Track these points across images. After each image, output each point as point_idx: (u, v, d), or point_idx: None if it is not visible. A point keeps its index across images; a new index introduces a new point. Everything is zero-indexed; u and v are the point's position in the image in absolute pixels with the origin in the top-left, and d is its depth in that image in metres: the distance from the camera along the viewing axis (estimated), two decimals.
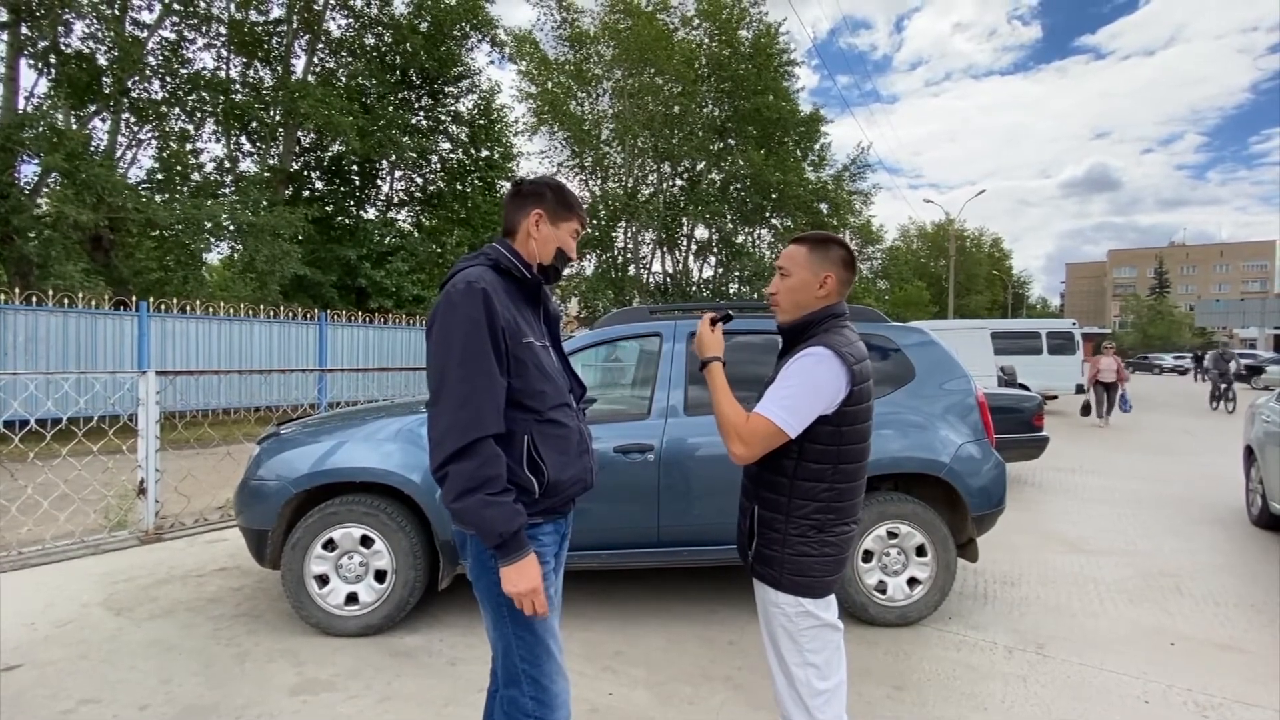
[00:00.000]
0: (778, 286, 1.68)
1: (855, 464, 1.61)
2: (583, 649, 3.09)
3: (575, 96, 20.80)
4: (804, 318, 1.64)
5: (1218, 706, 2.63)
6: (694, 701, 2.66)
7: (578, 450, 1.59)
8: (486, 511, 1.38)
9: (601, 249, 21.14)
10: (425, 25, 17.41)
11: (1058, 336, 14.23)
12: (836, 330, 1.61)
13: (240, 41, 15.23)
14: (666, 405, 3.41)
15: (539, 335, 1.57)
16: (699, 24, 20.77)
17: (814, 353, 1.53)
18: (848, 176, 23.02)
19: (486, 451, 1.39)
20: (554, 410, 1.55)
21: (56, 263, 10.75)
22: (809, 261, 1.64)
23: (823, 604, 1.63)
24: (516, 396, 1.48)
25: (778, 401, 1.53)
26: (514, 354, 1.48)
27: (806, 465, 1.57)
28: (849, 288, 1.68)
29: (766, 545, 1.63)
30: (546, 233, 1.61)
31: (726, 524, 3.34)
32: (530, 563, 1.43)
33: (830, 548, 1.60)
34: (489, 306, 1.43)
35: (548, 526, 1.57)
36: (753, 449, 1.53)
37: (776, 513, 1.61)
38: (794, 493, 1.59)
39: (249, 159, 16.65)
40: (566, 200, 1.63)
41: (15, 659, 2.94)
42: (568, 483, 1.56)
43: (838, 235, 1.69)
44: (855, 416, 1.57)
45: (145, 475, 4.79)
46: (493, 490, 1.38)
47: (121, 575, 4.05)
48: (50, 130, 10.89)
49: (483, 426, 1.40)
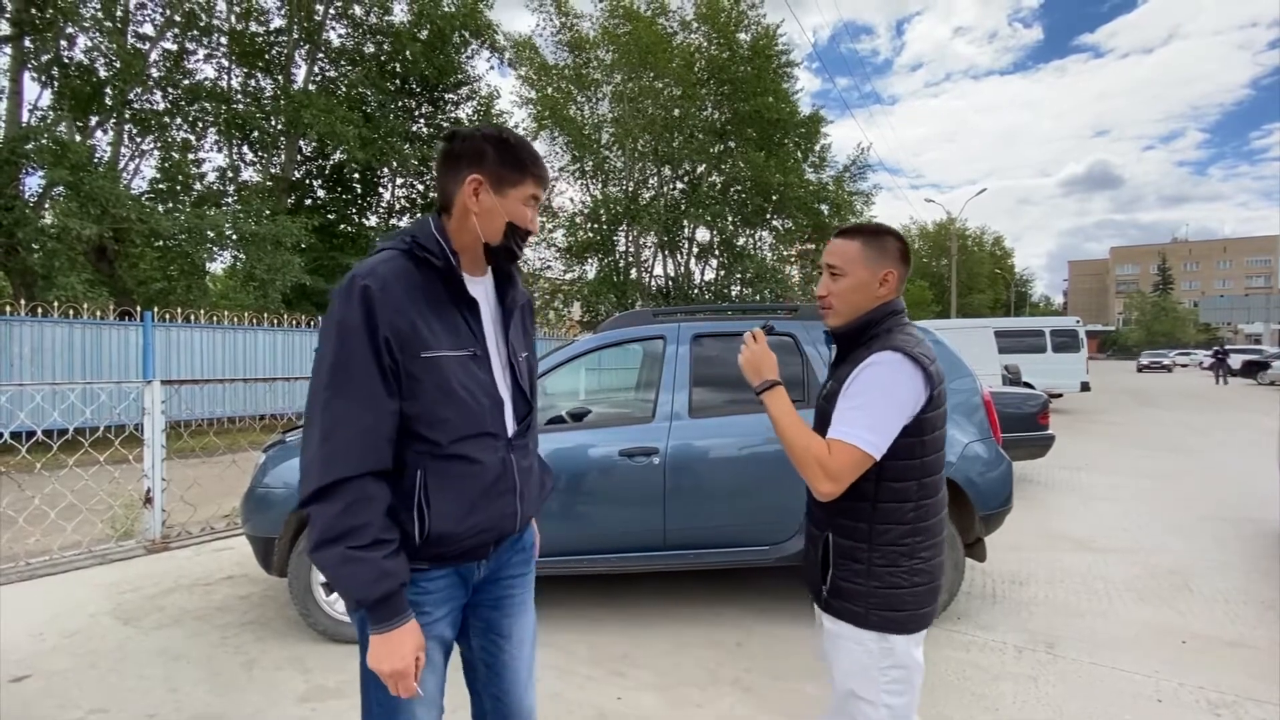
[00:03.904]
0: (829, 288, 1.48)
1: (937, 476, 1.43)
2: (590, 653, 3.08)
3: (575, 101, 20.86)
4: (861, 320, 1.46)
5: (1229, 704, 2.61)
6: (702, 705, 2.65)
7: (492, 491, 1.27)
8: (344, 569, 1.11)
9: (603, 253, 21.16)
10: (425, 33, 17.50)
11: (1062, 334, 14.20)
12: (900, 330, 1.43)
13: (241, 52, 15.33)
14: (671, 408, 3.40)
15: (459, 343, 1.23)
16: (698, 27, 20.82)
17: (883, 359, 1.35)
18: (848, 177, 23.02)
19: (352, 494, 1.11)
20: (461, 443, 1.22)
21: (60, 274, 10.80)
22: (865, 258, 1.45)
23: (913, 640, 1.42)
24: (410, 424, 1.19)
25: (856, 421, 1.33)
26: (407, 370, 1.17)
27: (889, 485, 1.38)
28: (905, 284, 1.52)
29: (847, 578, 1.42)
30: (489, 203, 1.24)
31: (733, 527, 3.36)
32: (401, 637, 1.15)
33: (921, 575, 1.40)
34: (369, 310, 1.13)
35: (436, 573, 1.27)
36: (842, 484, 1.34)
37: (857, 541, 1.41)
38: (876, 517, 1.39)
39: (251, 168, 16.74)
40: (515, 158, 1.24)
41: (24, 669, 2.95)
42: (464, 534, 1.24)
43: (888, 225, 1.52)
44: (934, 424, 1.40)
45: (151, 484, 4.80)
46: (356, 543, 1.11)
47: (128, 585, 4.06)
48: (54, 143, 10.96)
49: (348, 464, 1.12)
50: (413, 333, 1.17)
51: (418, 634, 1.18)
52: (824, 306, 1.51)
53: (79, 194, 10.77)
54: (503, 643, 1.40)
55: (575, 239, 21.21)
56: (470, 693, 1.46)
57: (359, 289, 1.14)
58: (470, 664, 1.43)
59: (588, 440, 3.35)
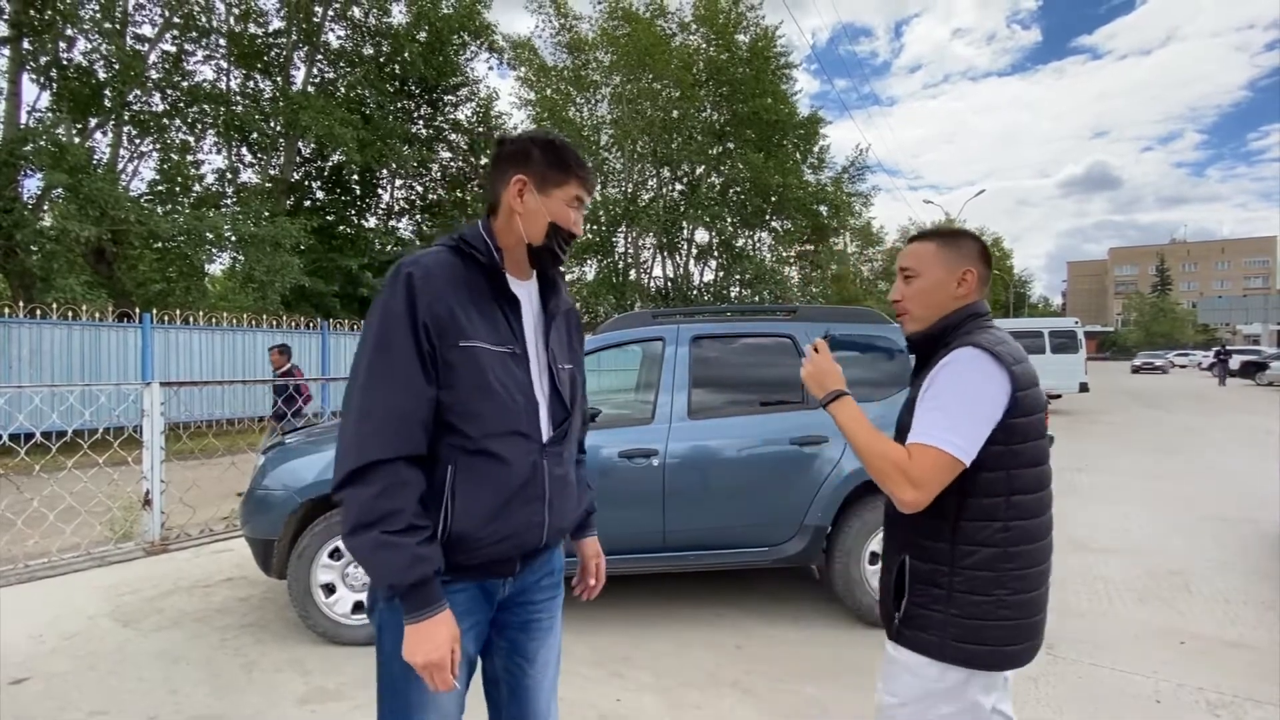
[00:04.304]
0: (903, 292, 1.42)
1: (1034, 494, 1.28)
2: (590, 654, 3.08)
3: (574, 103, 20.89)
4: (939, 323, 1.38)
5: (1229, 704, 2.61)
6: (702, 706, 2.65)
7: (520, 496, 1.22)
8: (379, 554, 1.10)
9: (602, 254, 21.18)
10: (423, 34, 17.52)
11: (1060, 335, 14.22)
12: (981, 329, 1.34)
13: (240, 53, 15.35)
14: (670, 410, 3.41)
15: (499, 339, 1.22)
16: (696, 29, 20.86)
17: (960, 356, 1.26)
18: (847, 178, 23.06)
19: (388, 478, 1.10)
20: (491, 439, 1.19)
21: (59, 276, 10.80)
22: (942, 258, 1.39)
23: (989, 682, 1.28)
24: (444, 414, 1.18)
25: (936, 423, 1.23)
26: (444, 358, 1.16)
27: (973, 501, 1.25)
28: (988, 285, 1.42)
29: (924, 604, 1.29)
30: (532, 204, 1.25)
31: (732, 528, 3.37)
32: (435, 627, 1.11)
33: (1011, 608, 1.25)
34: (412, 295, 1.15)
35: (458, 586, 1.22)
36: (928, 491, 1.22)
37: (937, 563, 1.28)
38: (959, 536, 1.26)
39: (250, 170, 16.77)
40: (560, 159, 1.27)
41: (23, 671, 2.94)
42: (485, 539, 1.20)
43: (965, 228, 1.48)
44: (1026, 431, 1.26)
45: (150, 486, 4.80)
46: (391, 528, 1.09)
47: (128, 587, 4.05)
48: (53, 145, 10.96)
49: (383, 447, 1.11)
50: (451, 320, 1.17)
51: (453, 624, 1.14)
52: (900, 313, 1.44)
53: (78, 196, 10.77)
54: (526, 666, 1.37)
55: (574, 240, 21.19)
56: (489, 706, 1.44)
57: (403, 276, 1.16)
58: (492, 681, 1.41)
59: (587, 441, 3.35)
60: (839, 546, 3.30)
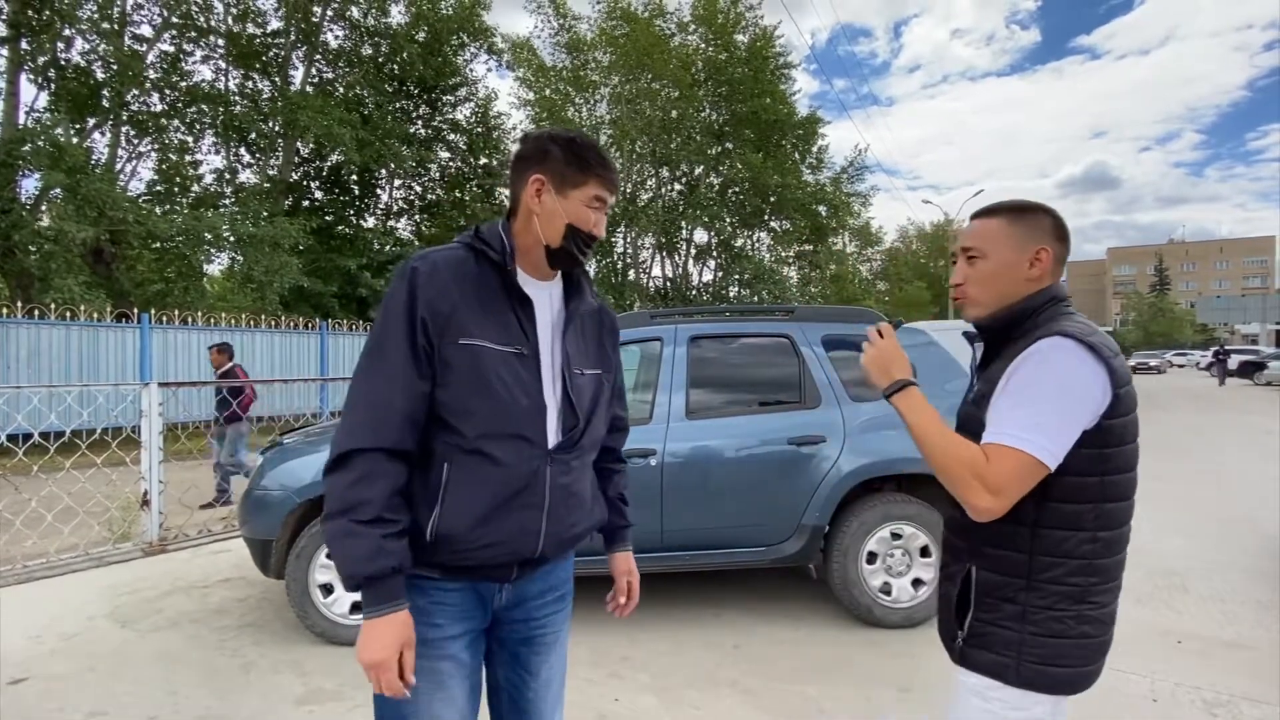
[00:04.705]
0: (966, 274, 1.25)
1: (1122, 502, 1.15)
2: (588, 655, 3.09)
3: (573, 103, 20.89)
4: (1012, 309, 1.22)
5: (1225, 704, 2.62)
6: (700, 706, 2.66)
7: (514, 503, 1.18)
8: (343, 542, 1.08)
9: (601, 254, 21.17)
10: (422, 35, 17.52)
11: None
12: (1067, 317, 1.17)
13: (239, 54, 15.34)
14: (668, 409, 3.41)
15: (507, 339, 1.19)
16: (695, 29, 20.87)
17: (1049, 346, 1.10)
18: (846, 178, 23.08)
19: (363, 468, 1.10)
20: (487, 440, 1.16)
21: (57, 276, 10.79)
22: (1011, 236, 1.22)
23: (1060, 705, 1.18)
24: (440, 410, 1.16)
25: (1019, 422, 1.08)
26: (443, 354, 1.15)
27: (1056, 508, 1.12)
28: (1064, 266, 1.25)
29: (995, 622, 1.16)
30: (550, 204, 1.22)
31: (730, 528, 3.37)
32: (389, 626, 1.08)
33: (1093, 624, 1.15)
34: (413, 290, 1.14)
35: (451, 585, 1.20)
36: (1007, 498, 1.08)
37: (1011, 575, 1.15)
38: (1038, 547, 1.13)
39: (248, 170, 16.76)
40: (579, 158, 1.22)
41: (22, 672, 2.94)
42: (472, 543, 1.16)
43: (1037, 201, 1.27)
44: (1122, 433, 1.12)
45: (149, 487, 4.80)
46: (360, 517, 1.08)
47: (126, 587, 4.05)
48: (51, 145, 10.96)
49: (363, 437, 1.11)
50: (451, 316, 1.15)
51: (407, 628, 1.11)
52: (959, 298, 1.27)
53: (76, 196, 10.77)
54: (529, 679, 1.34)
55: None
56: (491, 715, 1.41)
57: (409, 271, 1.17)
58: (494, 690, 1.38)
59: None
60: (836, 546, 3.31)
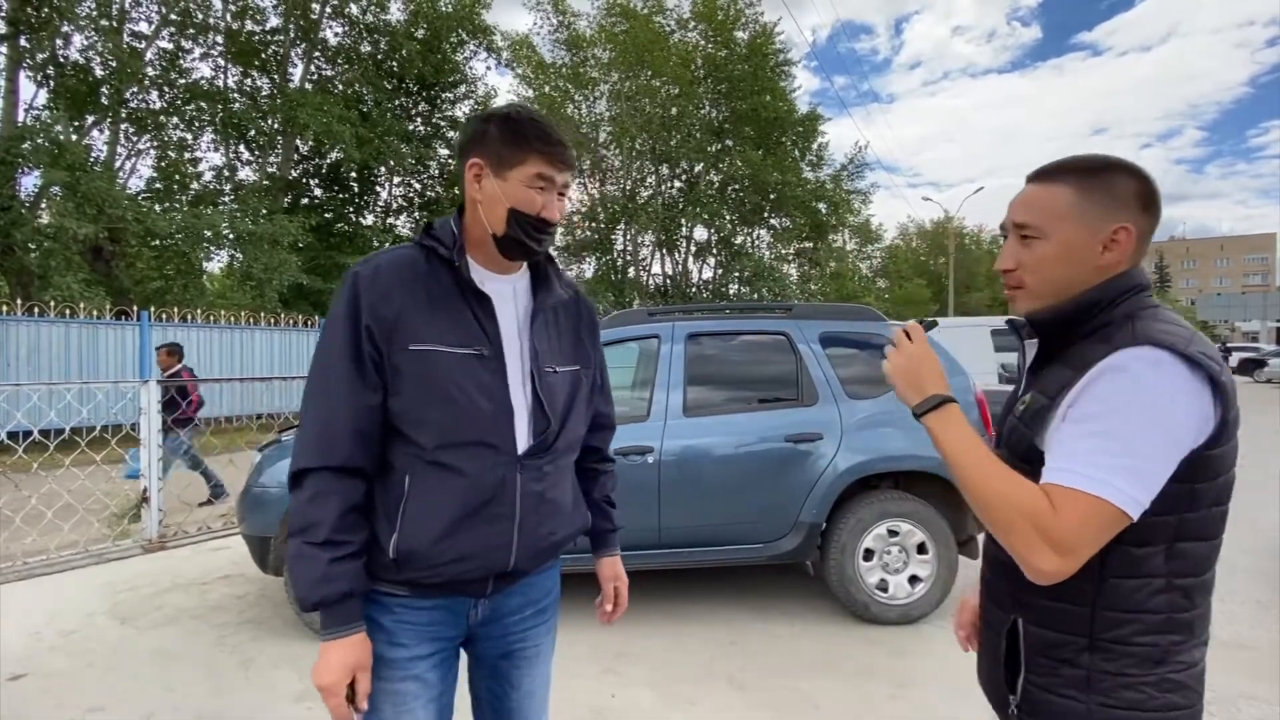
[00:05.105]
0: (1018, 258, 0.99)
1: (1209, 540, 0.90)
2: (585, 650, 3.10)
3: (572, 100, 20.86)
4: (1078, 302, 0.95)
5: (1222, 702, 2.63)
6: (696, 702, 2.67)
7: (482, 514, 1.10)
8: (296, 564, 1.05)
9: (601, 252, 21.18)
10: (421, 32, 17.50)
11: None
12: (1154, 316, 0.91)
13: (237, 51, 15.33)
14: (666, 407, 3.42)
15: (465, 340, 1.11)
16: (695, 26, 20.82)
17: (1136, 359, 0.84)
18: (846, 176, 23.05)
19: (313, 487, 1.06)
20: (448, 450, 1.09)
21: (57, 274, 10.80)
22: (1080, 209, 0.94)
23: None
24: (395, 421, 1.10)
25: (1097, 458, 0.83)
26: (392, 362, 1.08)
27: (1126, 552, 0.87)
28: (1148, 243, 0.98)
29: (1053, 689, 0.93)
30: (490, 189, 1.12)
31: (726, 525, 3.38)
32: (341, 649, 1.04)
33: (1179, 691, 0.89)
34: (355, 298, 1.08)
35: (420, 603, 1.14)
36: (1077, 557, 0.83)
37: (1070, 633, 0.91)
38: (1103, 600, 0.89)
39: (247, 167, 16.75)
40: (515, 133, 1.10)
41: (21, 668, 2.96)
42: (437, 559, 1.09)
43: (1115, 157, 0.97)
44: (1219, 464, 0.88)
45: (148, 484, 4.81)
46: (312, 539, 1.04)
47: (125, 584, 4.07)
48: (51, 143, 10.95)
49: (310, 455, 1.06)
50: (398, 321, 1.08)
51: (360, 652, 1.06)
52: (1011, 285, 1.01)
53: (75, 194, 10.77)
54: (511, 691, 1.28)
55: (573, 238, 21.22)
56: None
57: (350, 277, 1.11)
58: (476, 701, 1.33)
59: None
60: (833, 543, 3.31)
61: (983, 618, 1.08)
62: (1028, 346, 1.05)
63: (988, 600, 1.06)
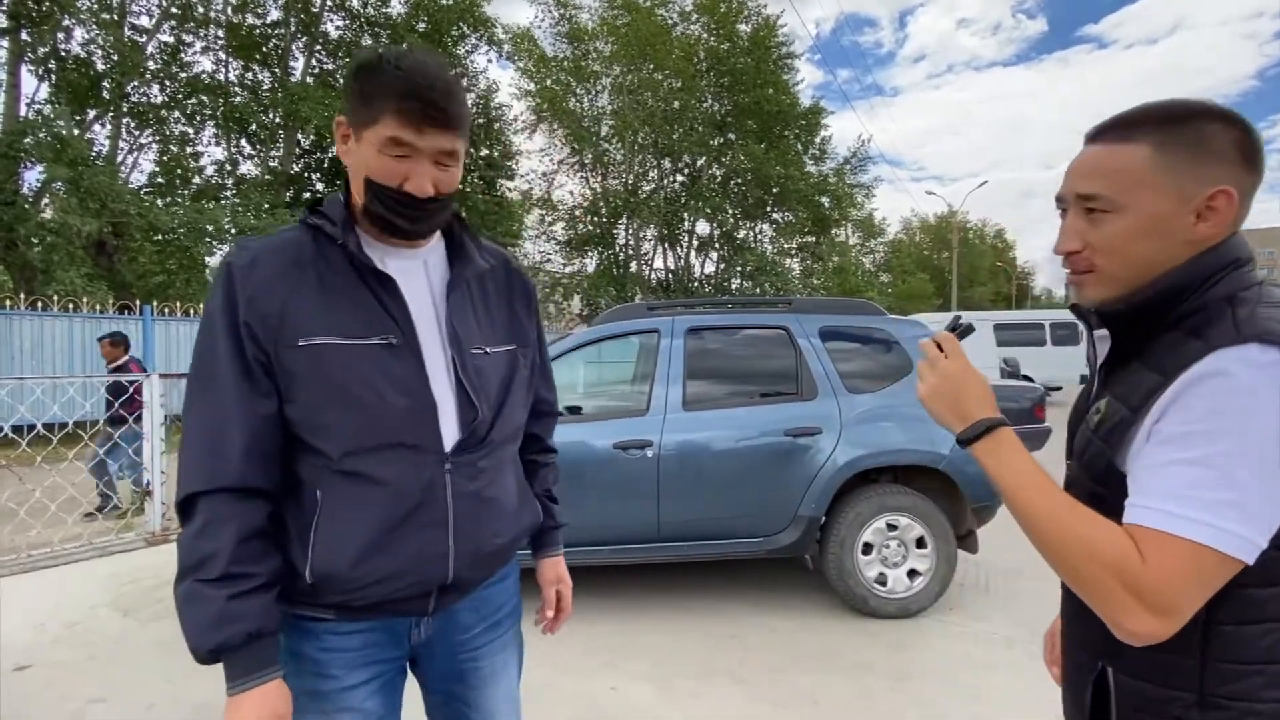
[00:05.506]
0: (1085, 237, 0.80)
1: None
2: (584, 644, 3.11)
3: (574, 93, 20.79)
4: (1158, 285, 0.78)
5: None
6: (695, 695, 2.68)
7: (409, 524, 0.96)
8: (185, 609, 0.89)
9: (603, 246, 21.16)
10: (422, 25, 17.43)
11: (1061, 327, 14.19)
12: (1260, 297, 0.74)
13: (238, 44, 15.28)
14: (665, 401, 3.42)
15: (367, 329, 0.96)
16: (697, 19, 20.73)
17: (1245, 362, 0.68)
18: (849, 170, 22.97)
19: (205, 514, 0.90)
20: (359, 457, 0.94)
21: (60, 268, 10.85)
22: (1164, 172, 0.76)
23: None
24: (296, 430, 0.96)
25: (1197, 493, 0.67)
26: (281, 362, 0.93)
27: (1249, 593, 0.71)
28: (1250, 206, 0.81)
29: None
30: (355, 155, 0.97)
31: (726, 519, 3.38)
32: (254, 703, 0.89)
33: None
34: (230, 292, 0.93)
35: (348, 627, 0.99)
36: (1179, 615, 0.68)
37: (1174, 687, 0.75)
38: (1215, 649, 0.73)
39: (249, 162, 16.73)
40: (368, 86, 0.92)
41: (25, 659, 2.98)
42: (365, 580, 0.95)
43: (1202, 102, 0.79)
44: None
45: (151, 478, 4.84)
46: (205, 575, 0.88)
47: (128, 577, 4.09)
48: (53, 138, 10.97)
49: (199, 478, 0.91)
50: (282, 316, 0.93)
51: (274, 703, 0.90)
52: (1076, 270, 0.83)
53: (78, 189, 10.79)
54: (470, 712, 1.13)
55: (575, 232, 21.20)
56: None
57: (223, 268, 0.95)
58: None
59: (582, 433, 3.37)
60: (832, 537, 3.32)
61: (1065, 655, 0.92)
62: (1098, 340, 0.88)
63: (1070, 638, 0.89)
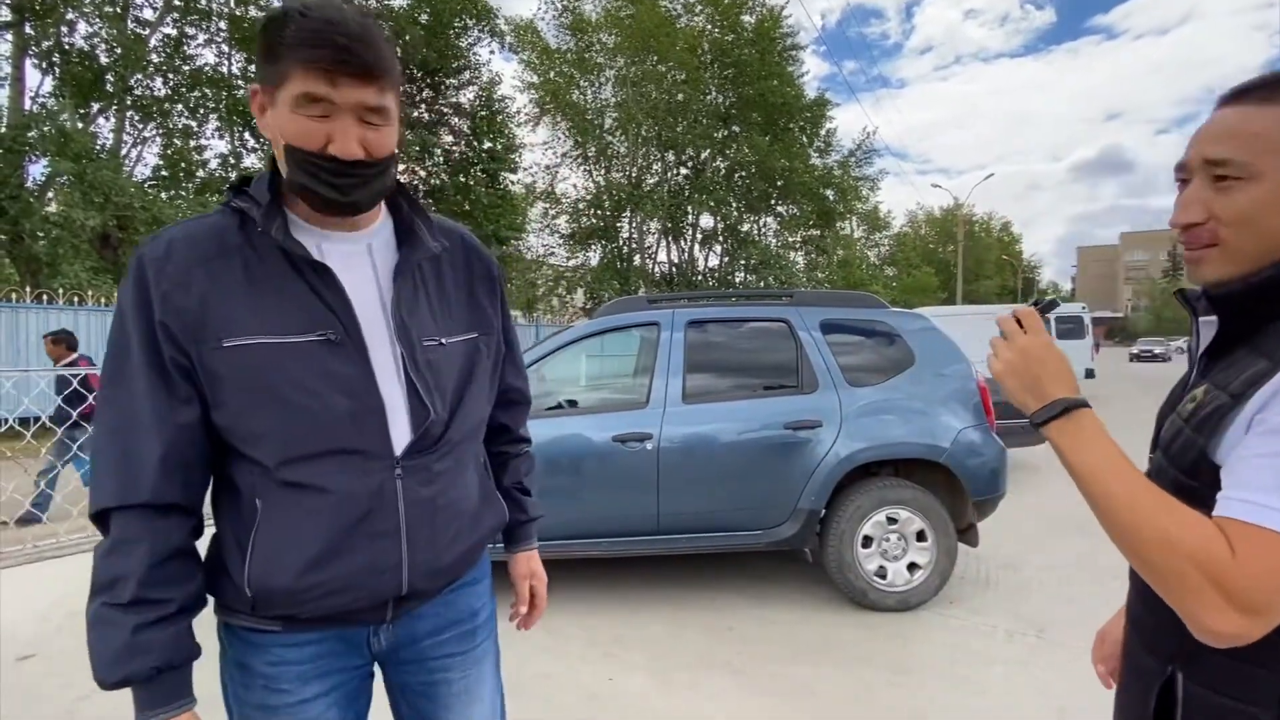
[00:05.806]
0: (1211, 208, 0.73)
1: None
2: (583, 635, 3.12)
3: (578, 86, 20.71)
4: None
5: None
6: (693, 687, 2.69)
7: (356, 534, 0.88)
8: (93, 632, 0.82)
9: (607, 239, 21.12)
10: (425, 17, 17.37)
11: (1066, 321, 14.11)
12: None
13: (241, 37, 15.26)
14: (665, 394, 3.42)
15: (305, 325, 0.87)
16: (701, 10, 20.61)
17: None
18: (854, 162, 22.85)
19: (118, 532, 0.83)
20: (298, 464, 0.86)
21: (65, 262, 10.89)
22: None
23: None
24: (227, 438, 0.88)
25: None
26: (204, 365, 0.84)
27: None
28: None
29: None
30: (271, 123, 0.86)
31: (725, 511, 3.38)
32: None
33: None
34: (143, 287, 0.83)
35: (300, 638, 0.93)
36: (1268, 616, 0.63)
37: (1249, 703, 0.69)
38: None
39: (253, 155, 16.73)
40: (272, 40, 0.81)
41: (29, 649, 3.01)
42: (309, 594, 0.88)
43: None
44: None
45: None
46: (116, 599, 0.81)
47: None
48: (58, 131, 11.00)
49: (114, 491, 0.83)
50: (203, 314, 0.83)
51: None
52: (1196, 244, 0.75)
53: (83, 183, 10.82)
54: None
55: (579, 226, 21.16)
56: None
57: (134, 261, 0.85)
58: None
59: (582, 425, 3.37)
60: (832, 530, 3.31)
61: (1127, 657, 0.86)
62: (1202, 325, 0.80)
63: (1135, 640, 0.83)
